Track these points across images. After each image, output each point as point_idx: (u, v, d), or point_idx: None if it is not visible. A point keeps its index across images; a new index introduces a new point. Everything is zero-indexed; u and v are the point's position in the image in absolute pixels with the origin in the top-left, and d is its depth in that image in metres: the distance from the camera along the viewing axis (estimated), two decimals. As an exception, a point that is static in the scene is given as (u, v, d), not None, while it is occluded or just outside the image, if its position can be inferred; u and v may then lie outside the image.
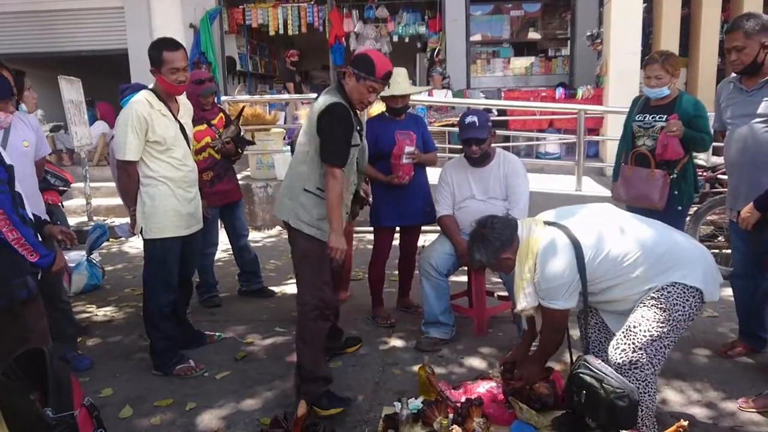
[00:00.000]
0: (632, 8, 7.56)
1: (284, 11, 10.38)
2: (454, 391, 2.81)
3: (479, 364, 3.36)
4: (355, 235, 5.13)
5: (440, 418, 2.55)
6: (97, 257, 5.09)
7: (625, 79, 7.46)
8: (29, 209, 2.56)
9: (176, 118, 3.28)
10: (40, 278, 2.67)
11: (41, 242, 2.52)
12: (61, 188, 4.26)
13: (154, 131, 3.14)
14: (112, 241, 6.39)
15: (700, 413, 2.79)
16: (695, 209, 4.76)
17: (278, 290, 4.71)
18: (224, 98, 7.70)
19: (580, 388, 2.30)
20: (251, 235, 4.81)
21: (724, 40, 3.22)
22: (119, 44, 9.59)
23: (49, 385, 1.97)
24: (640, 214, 2.85)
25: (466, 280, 3.99)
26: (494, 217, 2.65)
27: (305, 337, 2.90)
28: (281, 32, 10.52)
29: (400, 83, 3.81)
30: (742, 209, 2.98)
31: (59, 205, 4.19)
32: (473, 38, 10.07)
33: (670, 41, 8.31)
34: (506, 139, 8.22)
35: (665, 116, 3.48)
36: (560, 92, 8.75)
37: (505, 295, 3.85)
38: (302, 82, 10.41)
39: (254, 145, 6.39)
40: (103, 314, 4.35)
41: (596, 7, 9.39)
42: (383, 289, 4.07)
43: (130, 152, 3.13)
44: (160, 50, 3.15)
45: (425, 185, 3.92)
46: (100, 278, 4.98)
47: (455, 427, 2.45)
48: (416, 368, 3.03)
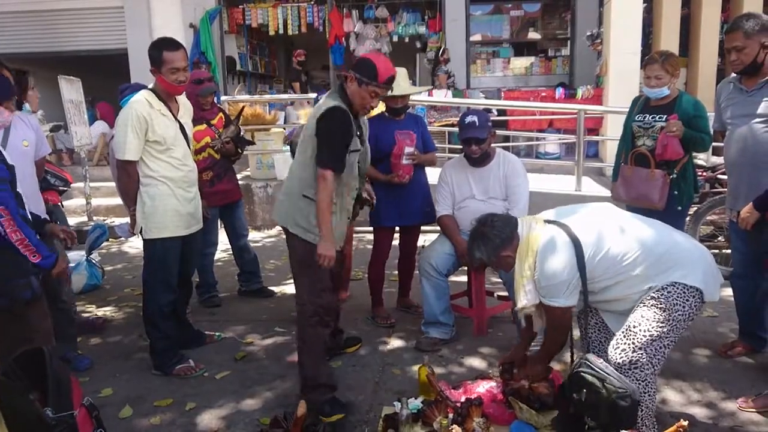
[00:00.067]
0: (632, 8, 7.56)
1: (284, 11, 10.37)
2: (453, 391, 2.81)
3: (479, 364, 3.36)
4: (355, 235, 5.13)
5: (440, 418, 2.55)
6: (96, 257, 5.09)
7: (624, 79, 7.46)
8: (29, 209, 2.56)
9: (176, 117, 3.28)
10: (41, 279, 2.66)
11: (42, 243, 2.52)
12: (60, 188, 4.25)
13: (153, 131, 3.15)
14: (111, 241, 6.39)
15: (699, 413, 2.79)
16: (695, 209, 4.76)
17: (278, 290, 4.71)
18: (224, 98, 7.70)
19: (580, 386, 2.29)
20: (251, 235, 4.81)
21: (723, 40, 3.22)
22: (119, 44, 9.58)
23: (48, 384, 1.96)
24: (640, 214, 2.84)
25: (465, 280, 4.00)
26: (494, 215, 2.65)
27: (305, 344, 2.87)
28: (281, 32, 10.52)
29: (399, 83, 3.80)
30: (741, 209, 2.98)
31: (59, 205, 4.18)
32: (473, 38, 10.07)
33: (669, 41, 8.31)
34: (506, 139, 8.22)
35: (665, 116, 3.48)
36: (560, 92, 8.74)
37: (504, 295, 3.85)
38: (308, 81, 10.37)
39: (254, 145, 6.39)
40: (102, 314, 4.34)
41: (596, 7, 9.39)
42: (383, 289, 4.07)
43: (129, 152, 3.13)
44: (160, 50, 3.15)
45: (425, 185, 3.92)
46: (99, 278, 4.98)
47: (455, 426, 2.45)
48: (416, 368, 3.03)
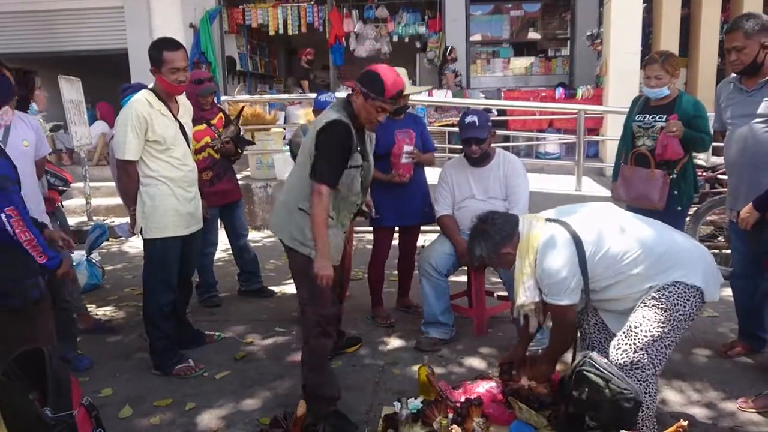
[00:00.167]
0: (632, 8, 7.56)
1: (284, 11, 10.36)
2: (453, 391, 2.81)
3: (479, 364, 3.36)
4: (354, 235, 5.13)
5: (440, 418, 2.55)
6: (96, 257, 5.09)
7: (624, 79, 7.46)
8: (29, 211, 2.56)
9: (176, 117, 3.28)
10: (46, 279, 2.66)
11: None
12: (60, 188, 4.24)
13: (153, 131, 3.15)
14: (111, 240, 6.39)
15: (699, 413, 2.79)
16: (695, 209, 4.76)
17: (278, 290, 4.70)
18: (224, 98, 7.70)
19: (582, 385, 2.27)
20: (251, 234, 4.81)
21: (723, 40, 3.22)
22: (119, 44, 9.57)
23: (48, 384, 1.96)
24: (640, 214, 2.84)
25: (465, 280, 4.00)
26: (495, 212, 2.65)
27: (308, 355, 2.80)
28: (281, 32, 10.52)
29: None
30: (741, 209, 2.98)
31: (59, 204, 4.18)
32: (473, 38, 10.07)
33: (669, 41, 8.31)
34: (506, 139, 8.21)
35: (665, 116, 3.48)
36: (560, 92, 8.73)
37: (504, 295, 3.85)
38: (315, 80, 10.34)
39: (254, 145, 6.39)
40: (102, 314, 4.35)
41: (596, 7, 9.38)
42: (383, 289, 4.07)
43: (129, 152, 3.13)
44: (160, 50, 3.15)
45: (424, 185, 3.92)
46: (99, 278, 4.98)
47: (455, 426, 2.45)
48: (416, 368, 3.03)
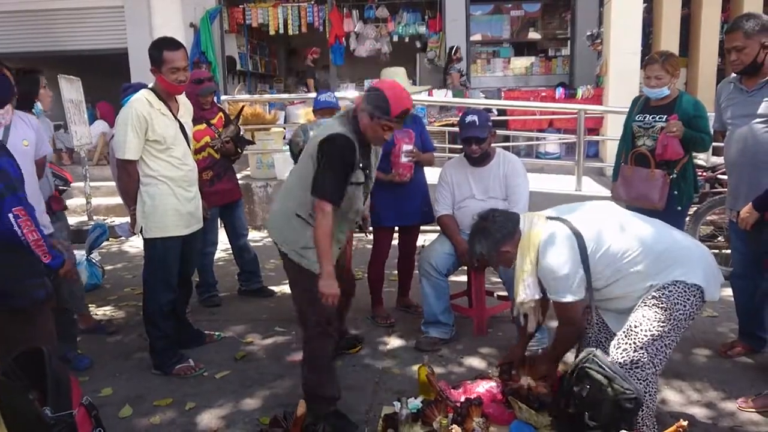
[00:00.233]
0: (632, 8, 7.56)
1: (284, 11, 10.36)
2: (453, 390, 2.81)
3: (479, 363, 3.36)
4: (354, 235, 5.12)
5: (440, 417, 2.54)
6: (96, 256, 5.09)
7: (625, 79, 7.46)
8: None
9: (176, 117, 3.28)
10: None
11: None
12: (60, 187, 4.25)
13: (153, 130, 3.15)
14: (112, 240, 6.39)
15: (699, 413, 2.79)
16: (695, 209, 4.76)
17: (278, 290, 4.70)
18: (224, 98, 7.70)
19: (584, 382, 2.27)
20: (251, 234, 4.81)
21: (724, 40, 3.22)
22: (119, 43, 9.57)
23: (47, 384, 1.96)
24: (640, 213, 2.84)
25: (465, 279, 4.00)
26: (496, 210, 2.66)
27: (309, 356, 2.79)
28: (281, 32, 10.52)
29: (399, 83, 3.81)
30: (741, 209, 2.98)
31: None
32: (473, 38, 10.07)
33: (670, 41, 8.31)
34: (506, 138, 8.21)
35: (665, 116, 3.48)
36: (560, 92, 8.74)
37: (504, 295, 3.85)
38: (320, 79, 10.32)
39: (254, 144, 6.39)
40: (102, 314, 4.34)
41: (596, 7, 9.38)
42: (383, 288, 4.07)
43: (129, 151, 3.13)
44: (160, 50, 3.15)
45: (423, 185, 3.92)
46: (99, 277, 4.98)
47: (455, 426, 2.44)
48: (416, 368, 3.03)
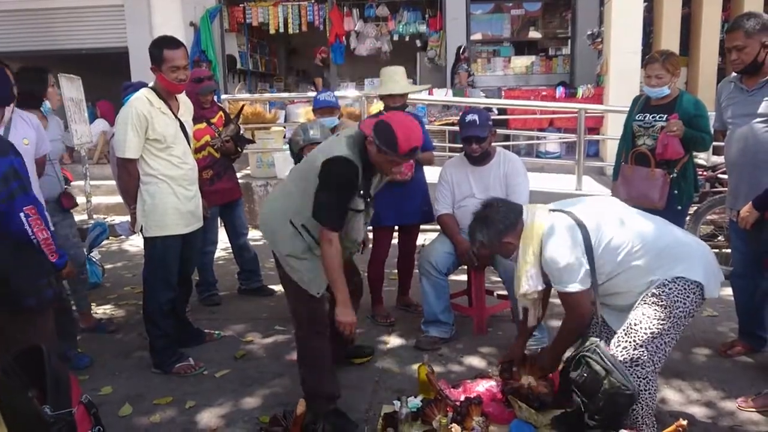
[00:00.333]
0: (633, 7, 7.55)
1: (285, 9, 10.37)
2: (453, 389, 2.81)
3: (479, 363, 3.36)
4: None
5: (440, 416, 2.55)
6: (96, 255, 5.10)
7: (625, 78, 7.45)
8: None
9: (176, 116, 3.28)
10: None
11: None
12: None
13: (154, 129, 3.15)
14: (112, 239, 6.39)
15: (699, 412, 2.79)
16: (695, 209, 4.76)
17: (278, 289, 4.69)
18: (224, 96, 7.70)
19: (582, 369, 2.31)
20: (251, 233, 4.80)
21: (724, 39, 3.21)
22: (119, 42, 9.58)
23: (47, 382, 1.96)
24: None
25: (465, 279, 3.99)
26: (499, 199, 2.65)
27: (303, 356, 2.79)
28: (281, 31, 10.51)
29: (398, 81, 3.82)
30: (741, 209, 2.98)
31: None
32: (474, 37, 10.07)
33: (670, 40, 8.30)
34: (506, 138, 8.21)
35: (665, 116, 3.47)
36: (560, 91, 8.73)
37: (504, 294, 3.85)
38: (328, 78, 10.31)
39: (254, 143, 6.37)
40: (102, 312, 4.35)
41: (597, 6, 9.38)
42: (383, 287, 4.07)
43: (130, 150, 3.13)
44: (160, 48, 3.15)
45: (423, 184, 3.92)
46: (99, 276, 4.98)
47: (454, 425, 2.44)
48: (416, 367, 3.03)
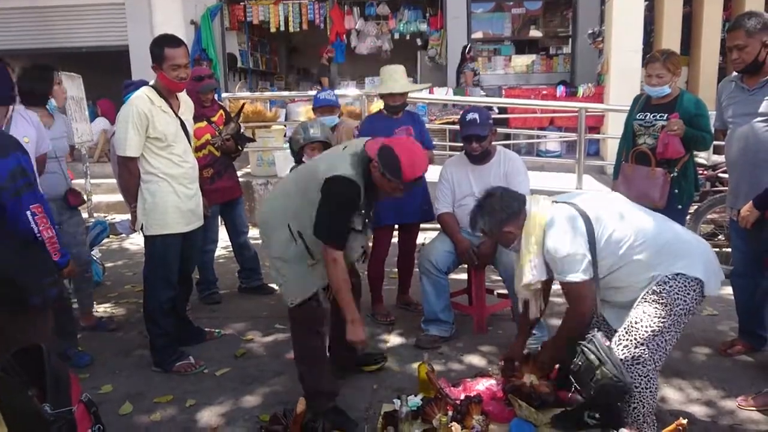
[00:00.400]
0: (634, 6, 7.54)
1: (285, 8, 10.37)
2: (453, 388, 2.81)
3: (479, 361, 3.36)
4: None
5: (440, 415, 2.55)
6: (97, 254, 5.10)
7: (626, 77, 7.44)
8: None
9: (177, 114, 3.28)
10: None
11: None
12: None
13: (154, 127, 3.15)
14: (112, 237, 6.38)
15: (699, 411, 2.79)
16: (696, 208, 4.76)
17: (278, 287, 4.69)
18: (225, 95, 7.70)
19: (578, 358, 2.34)
20: (251, 232, 4.80)
21: (725, 38, 3.21)
22: (120, 41, 9.57)
23: (47, 381, 1.97)
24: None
25: (465, 277, 4.00)
26: (504, 188, 2.64)
27: (300, 355, 2.81)
28: (282, 29, 10.51)
29: (398, 80, 3.82)
30: (742, 208, 2.98)
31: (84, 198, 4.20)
32: (474, 36, 10.06)
33: (671, 39, 8.29)
34: (507, 137, 8.21)
35: (666, 115, 3.47)
36: (561, 90, 8.73)
37: (504, 293, 3.85)
38: (334, 78, 10.28)
39: (254, 142, 6.36)
40: (103, 311, 4.35)
41: (597, 5, 9.37)
42: (383, 286, 4.07)
43: (130, 148, 3.14)
44: (161, 47, 3.16)
45: (423, 183, 3.91)
46: (100, 275, 4.98)
47: (454, 424, 2.44)
48: (416, 366, 3.03)
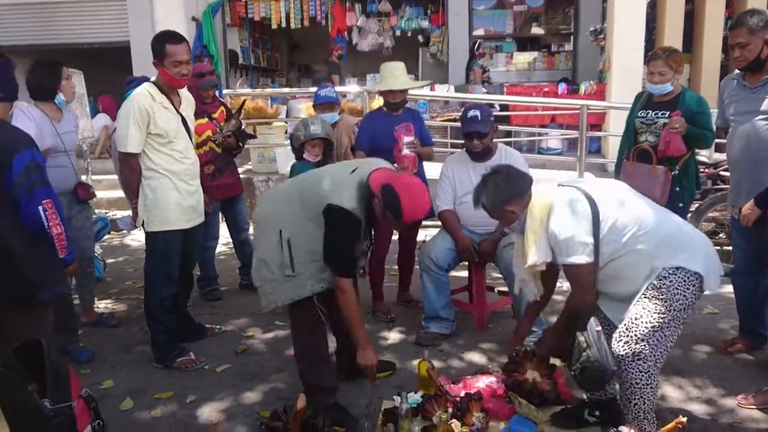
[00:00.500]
0: (636, 3, 7.52)
1: (286, 4, 10.35)
2: (453, 385, 2.82)
3: (479, 359, 3.37)
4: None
5: (439, 412, 2.55)
6: (98, 250, 5.10)
7: (628, 74, 7.42)
8: None
9: (178, 111, 3.28)
10: None
11: None
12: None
13: (155, 124, 3.15)
14: (113, 233, 6.39)
15: (699, 409, 2.80)
16: (697, 206, 4.76)
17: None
18: (226, 91, 7.69)
19: (572, 337, 2.40)
20: (252, 228, 4.81)
21: (727, 36, 3.20)
22: (121, 37, 9.54)
23: (47, 376, 1.97)
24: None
25: (466, 275, 4.00)
26: (511, 167, 2.62)
27: (300, 352, 2.81)
28: (283, 26, 10.50)
29: (398, 77, 3.81)
30: (743, 206, 2.98)
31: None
32: (476, 33, 10.03)
33: (673, 37, 8.26)
34: (508, 134, 8.19)
35: (668, 113, 3.46)
36: (563, 87, 8.70)
37: (505, 290, 3.85)
38: (340, 75, 10.26)
39: (255, 138, 6.37)
40: (104, 307, 4.35)
41: (599, 2, 9.35)
42: (383, 283, 4.08)
43: (131, 144, 3.14)
44: (163, 43, 3.15)
45: (423, 180, 3.91)
46: (101, 271, 4.99)
47: (454, 421, 2.45)
48: (416, 363, 3.04)
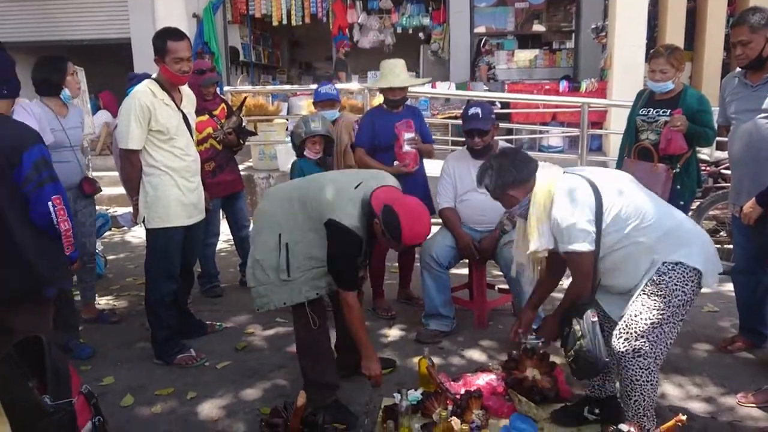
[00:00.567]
0: (637, 1, 7.51)
1: (288, 1, 10.32)
2: (453, 383, 2.82)
3: (479, 356, 3.37)
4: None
5: (440, 409, 2.56)
6: (99, 246, 5.10)
7: (629, 72, 7.42)
8: None
9: (179, 107, 3.28)
10: None
11: None
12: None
13: (156, 120, 3.15)
14: (114, 230, 6.41)
15: (699, 408, 2.80)
16: (698, 204, 4.75)
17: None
18: (227, 89, 7.69)
19: (570, 325, 2.41)
20: (252, 225, 4.81)
21: (729, 34, 3.19)
22: (122, 33, 9.54)
23: (47, 372, 1.97)
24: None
25: (467, 272, 3.99)
26: (519, 151, 2.60)
27: (301, 348, 2.81)
28: (284, 23, 10.48)
29: (398, 74, 3.80)
30: (744, 204, 2.98)
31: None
32: (477, 30, 10.00)
33: (675, 35, 8.26)
34: (509, 131, 8.18)
35: (669, 110, 3.46)
36: (564, 85, 8.70)
37: (505, 288, 3.85)
38: (347, 72, 10.23)
39: (256, 135, 6.38)
40: (105, 303, 4.36)
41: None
42: (384, 281, 4.08)
43: (132, 141, 3.14)
44: (164, 40, 3.16)
45: (423, 177, 3.92)
46: (102, 267, 4.99)
47: (454, 418, 2.45)
48: (416, 360, 3.04)
